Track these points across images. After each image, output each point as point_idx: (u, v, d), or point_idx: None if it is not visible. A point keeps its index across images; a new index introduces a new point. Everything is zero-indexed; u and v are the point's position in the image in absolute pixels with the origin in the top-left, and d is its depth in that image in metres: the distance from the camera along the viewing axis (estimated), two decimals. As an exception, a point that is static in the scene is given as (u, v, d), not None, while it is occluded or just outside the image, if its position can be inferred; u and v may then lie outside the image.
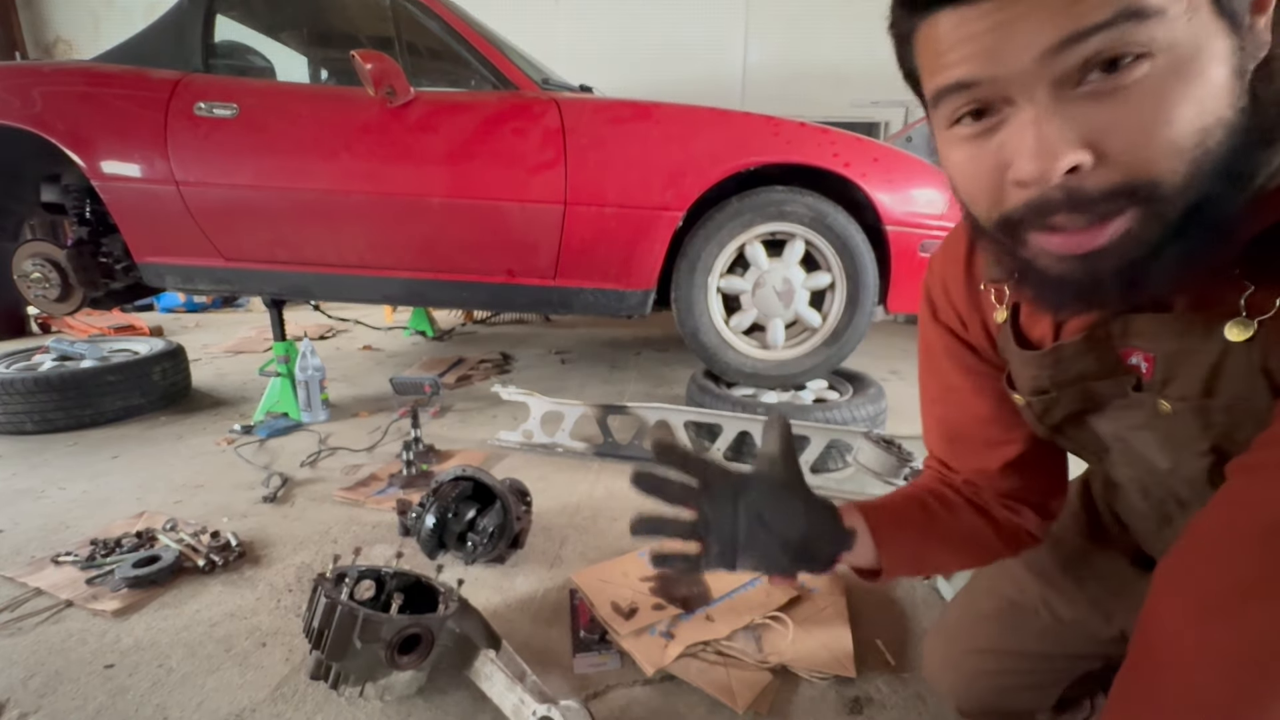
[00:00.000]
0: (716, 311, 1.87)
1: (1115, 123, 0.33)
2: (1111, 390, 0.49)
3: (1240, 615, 0.35)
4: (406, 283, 1.91)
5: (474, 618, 0.84)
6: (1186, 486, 0.49)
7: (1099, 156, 0.34)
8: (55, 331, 3.48)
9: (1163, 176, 0.34)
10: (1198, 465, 0.46)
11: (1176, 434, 0.46)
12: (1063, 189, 0.35)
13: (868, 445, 1.42)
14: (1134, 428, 0.49)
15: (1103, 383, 0.49)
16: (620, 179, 1.75)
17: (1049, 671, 0.70)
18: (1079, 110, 0.34)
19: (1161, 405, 0.45)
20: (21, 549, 1.20)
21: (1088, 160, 0.34)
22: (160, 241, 1.90)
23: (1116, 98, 0.33)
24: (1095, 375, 0.49)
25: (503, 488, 1.15)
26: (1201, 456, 0.45)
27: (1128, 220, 0.35)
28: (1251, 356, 0.39)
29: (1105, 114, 0.33)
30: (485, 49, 1.83)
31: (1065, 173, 0.34)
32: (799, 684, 0.87)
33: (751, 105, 4.07)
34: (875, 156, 1.77)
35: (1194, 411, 0.43)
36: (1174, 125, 0.33)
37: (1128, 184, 0.34)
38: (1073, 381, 0.50)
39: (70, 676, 0.87)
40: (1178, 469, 0.48)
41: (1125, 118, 0.33)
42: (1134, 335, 0.45)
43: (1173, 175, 0.34)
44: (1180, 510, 0.53)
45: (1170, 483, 0.50)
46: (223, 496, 1.45)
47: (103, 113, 1.79)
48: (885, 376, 2.62)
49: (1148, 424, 0.47)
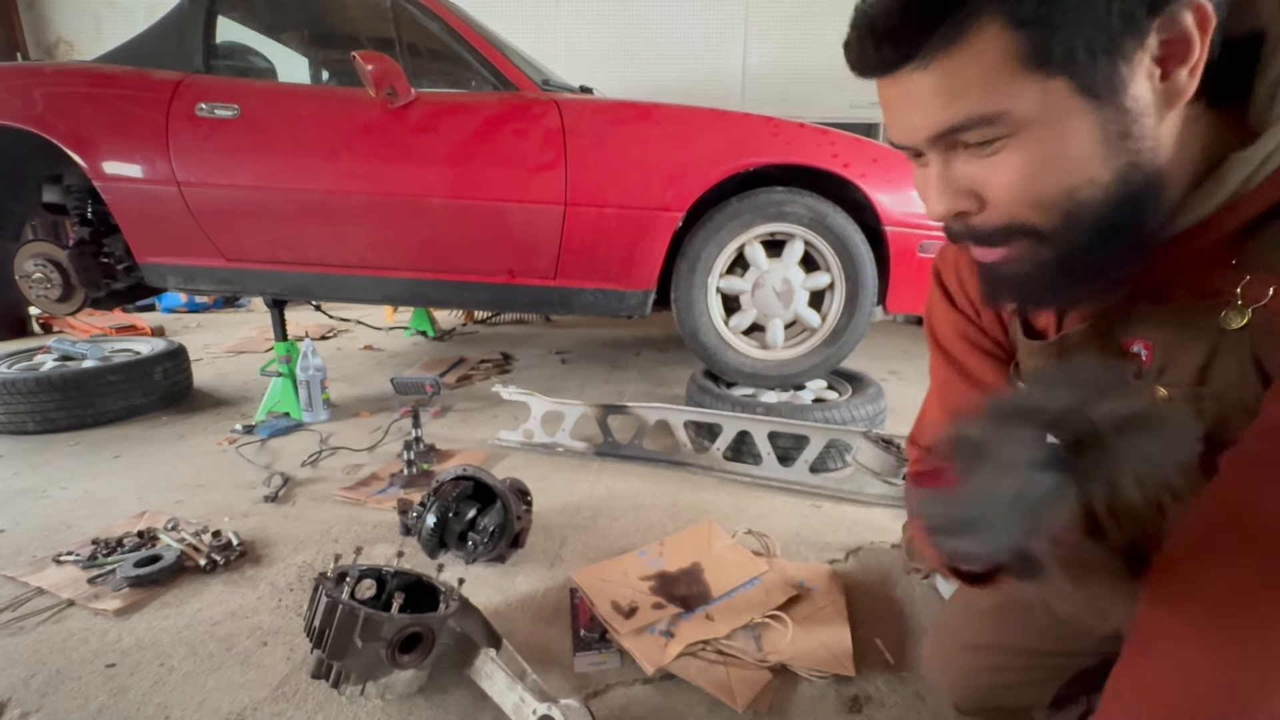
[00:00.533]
0: (716, 312, 1.87)
1: (989, 182, 0.42)
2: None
3: (1231, 612, 0.36)
4: (407, 283, 1.92)
5: (475, 617, 0.84)
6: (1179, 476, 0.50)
7: (983, 203, 0.43)
8: (57, 331, 3.49)
9: (1037, 222, 0.42)
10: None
11: None
12: (960, 222, 0.46)
13: (867, 445, 1.43)
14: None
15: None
16: (620, 180, 1.76)
17: (1045, 668, 0.70)
18: (965, 169, 0.43)
19: (1158, 393, 0.46)
20: (23, 548, 1.21)
21: (973, 206, 0.44)
22: (162, 242, 1.90)
23: (987, 163, 0.42)
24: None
25: (503, 487, 1.16)
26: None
27: (1016, 248, 0.44)
28: (1243, 343, 0.41)
29: (982, 174, 0.42)
30: (486, 50, 1.84)
31: (956, 214, 0.45)
32: (798, 683, 0.87)
33: (751, 106, 4.07)
34: (874, 157, 1.78)
35: (1188, 399, 0.45)
36: (1036, 187, 0.41)
37: (1008, 225, 0.43)
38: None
39: (72, 676, 0.88)
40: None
41: (996, 179, 0.42)
42: (1135, 324, 0.47)
43: (1046, 221, 0.42)
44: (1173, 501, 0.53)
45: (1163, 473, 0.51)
46: (224, 496, 1.45)
47: (104, 113, 1.80)
48: (884, 376, 2.62)
49: None
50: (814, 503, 1.45)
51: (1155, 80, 0.38)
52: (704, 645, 0.93)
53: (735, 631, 0.96)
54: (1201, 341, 0.43)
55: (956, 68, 0.39)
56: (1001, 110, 0.39)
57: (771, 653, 0.92)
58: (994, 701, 0.73)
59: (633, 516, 1.37)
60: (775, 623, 0.98)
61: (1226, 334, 0.41)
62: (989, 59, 0.38)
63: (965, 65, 0.39)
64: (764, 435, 1.54)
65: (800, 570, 1.14)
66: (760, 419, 1.55)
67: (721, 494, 1.49)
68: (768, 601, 1.03)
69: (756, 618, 0.99)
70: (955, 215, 0.45)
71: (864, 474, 1.44)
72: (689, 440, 1.65)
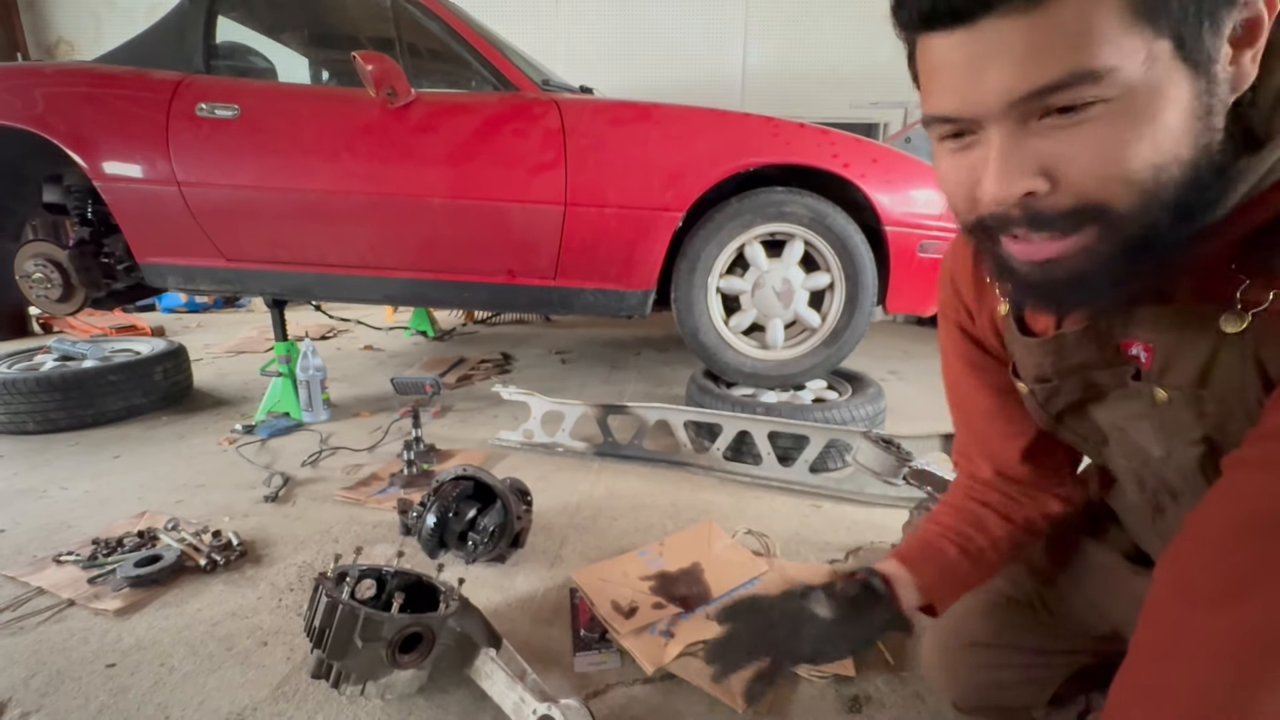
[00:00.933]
0: (716, 312, 1.87)
1: (1069, 156, 0.37)
2: (1111, 380, 0.50)
3: (1238, 607, 0.36)
4: (407, 283, 1.92)
5: (475, 617, 0.84)
6: (1179, 476, 0.50)
7: (1055, 183, 0.38)
8: (57, 332, 3.49)
9: (1113, 204, 0.38)
10: (1190, 454, 0.47)
11: (1171, 423, 0.47)
12: (1021, 208, 0.40)
13: (867, 445, 1.42)
14: (1131, 417, 0.50)
15: (1102, 372, 0.50)
16: (620, 180, 1.76)
17: (1044, 667, 0.70)
18: (1038, 142, 0.38)
19: (1158, 394, 0.46)
20: (23, 548, 1.21)
21: (1043, 187, 0.38)
22: (162, 242, 1.90)
23: (1072, 133, 0.37)
24: (1095, 364, 0.50)
25: (503, 487, 1.16)
26: (1193, 445, 0.46)
27: (1081, 238, 0.39)
28: (1244, 348, 0.40)
29: (1061, 147, 0.37)
30: (486, 50, 1.84)
31: (1023, 195, 0.39)
32: (798, 682, 0.87)
33: (751, 106, 4.07)
34: (874, 157, 1.78)
35: (1188, 400, 0.45)
36: (1124, 161, 0.36)
37: (1080, 208, 0.38)
38: (1074, 370, 0.52)
39: (72, 675, 0.88)
40: (1171, 457, 0.49)
41: (1079, 152, 0.37)
42: (1135, 326, 0.47)
43: (1123, 203, 0.37)
44: (1173, 501, 0.54)
45: (1164, 472, 0.51)
46: (224, 496, 1.45)
47: (105, 113, 1.80)
48: (884, 376, 2.62)
49: (1145, 413, 0.49)
50: (814, 503, 1.45)
51: (1226, 61, 0.36)
52: (704, 645, 0.93)
53: (735, 631, 0.96)
54: (1202, 343, 0.42)
55: (1060, 17, 0.34)
56: (1110, 66, 0.34)
57: (771, 652, 0.92)
58: (993, 700, 0.73)
59: (633, 516, 1.37)
60: (775, 623, 0.98)
61: (1227, 337, 0.41)
62: (1102, 7, 0.34)
63: (1073, 13, 0.34)
64: (764, 435, 1.54)
65: (800, 570, 1.14)
66: (760, 419, 1.56)
67: (721, 494, 1.49)
68: (768, 601, 1.03)
69: (756, 618, 0.99)
70: (1023, 197, 0.39)
71: (864, 474, 1.44)
72: (689, 440, 1.65)
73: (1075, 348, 0.51)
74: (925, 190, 1.80)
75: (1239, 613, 0.36)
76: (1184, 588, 0.40)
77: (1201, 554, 0.40)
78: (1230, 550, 0.38)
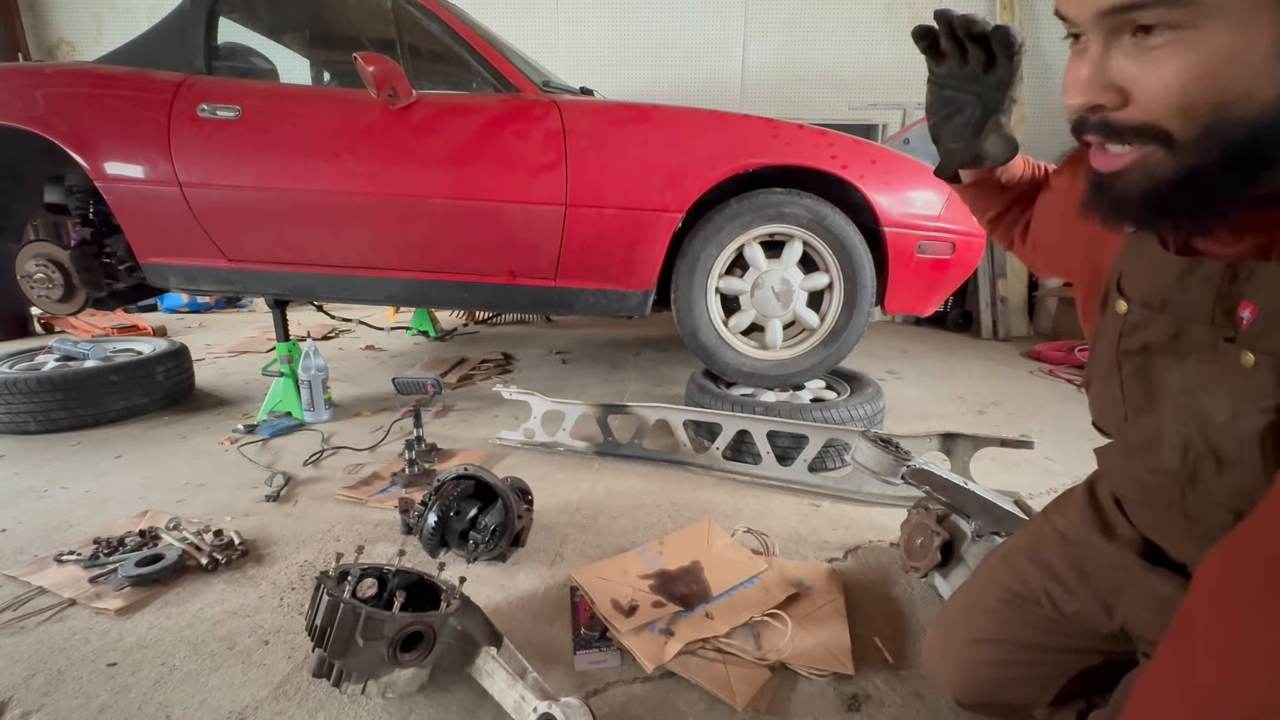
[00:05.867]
0: (715, 312, 1.88)
1: (1139, 78, 0.41)
2: (1204, 338, 0.50)
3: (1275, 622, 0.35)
4: (409, 283, 1.92)
5: (475, 615, 0.84)
6: (1235, 444, 0.49)
7: (1127, 99, 0.42)
8: (58, 332, 3.49)
9: (1175, 129, 0.40)
10: (1258, 422, 0.46)
11: (1250, 388, 0.46)
12: (1096, 115, 0.44)
13: (865, 444, 1.42)
14: (1208, 380, 0.49)
15: (1202, 327, 0.50)
16: (620, 181, 1.76)
17: (1048, 664, 0.70)
18: (1119, 60, 0.42)
19: (1245, 358, 0.46)
20: (24, 548, 1.21)
21: (1112, 101, 0.43)
22: (164, 242, 1.90)
23: (1145, 58, 0.40)
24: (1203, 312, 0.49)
25: (504, 486, 1.16)
26: (1265, 413, 0.45)
27: (1144, 155, 0.43)
28: None
29: (1135, 68, 0.41)
30: (487, 52, 1.84)
31: (1094, 106, 0.44)
32: (798, 681, 0.88)
33: (750, 108, 4.08)
34: (873, 158, 1.78)
35: (1274, 366, 0.44)
36: (1192, 90, 0.39)
37: (1144, 125, 0.42)
38: (1185, 305, 0.51)
39: (73, 675, 0.88)
40: (1235, 424, 0.48)
41: (1146, 76, 0.40)
42: (1254, 283, 0.46)
43: (1184, 130, 0.40)
44: (1215, 471, 0.51)
45: (1220, 439, 0.50)
46: (226, 495, 1.46)
47: (106, 114, 1.80)
48: (883, 376, 2.63)
49: (1225, 377, 0.48)
50: (813, 502, 1.46)
51: None
52: (704, 643, 0.93)
53: (735, 630, 0.96)
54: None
55: None
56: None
57: (771, 651, 0.92)
58: (995, 697, 0.73)
59: (633, 515, 1.37)
60: (774, 621, 0.98)
61: None
62: None
63: None
64: (763, 435, 1.55)
65: (799, 569, 1.15)
66: (759, 418, 1.56)
67: (721, 493, 1.50)
68: (767, 600, 1.03)
69: (756, 616, 0.99)
70: (1094, 107, 0.43)
71: (862, 473, 1.44)
72: (689, 440, 1.65)
73: (1202, 283, 0.49)
74: (923, 191, 1.80)
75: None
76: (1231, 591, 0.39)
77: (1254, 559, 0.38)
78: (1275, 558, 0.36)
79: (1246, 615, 0.37)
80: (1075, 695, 0.72)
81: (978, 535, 1.00)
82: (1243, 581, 0.38)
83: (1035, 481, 1.59)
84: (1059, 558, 0.70)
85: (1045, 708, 0.72)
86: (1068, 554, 0.70)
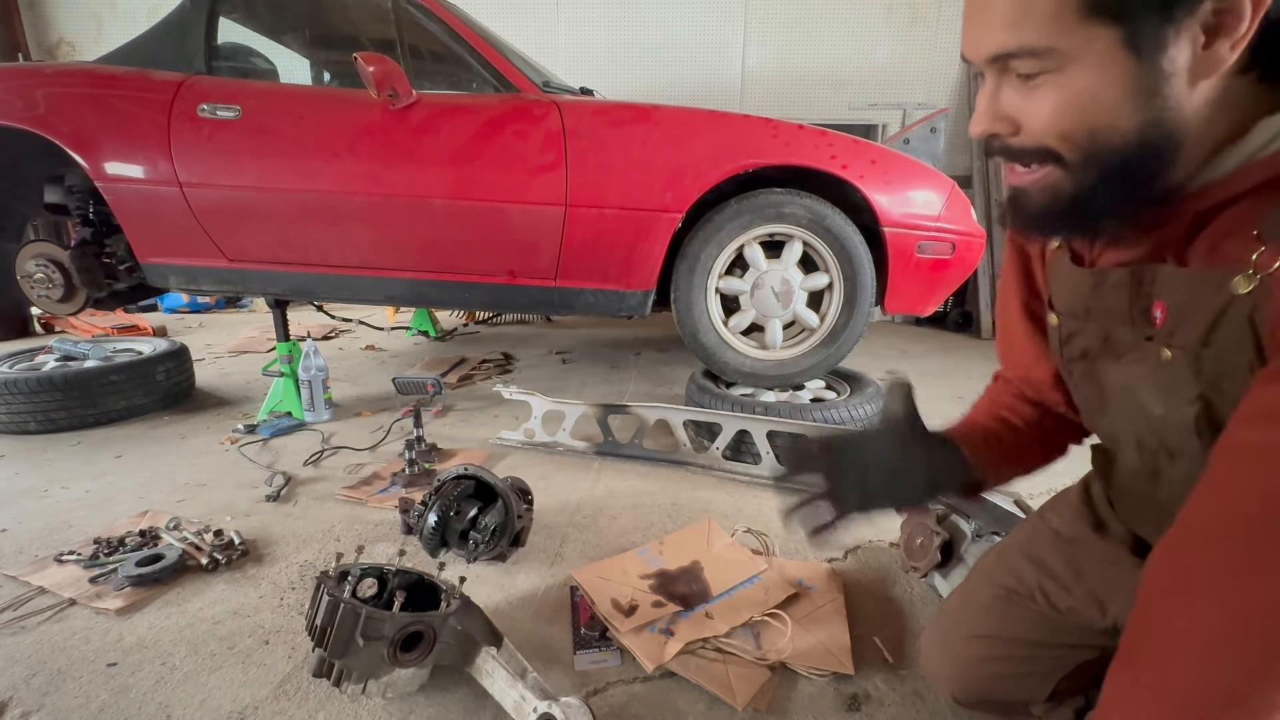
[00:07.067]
0: (715, 312, 1.88)
1: (1024, 111, 0.47)
2: (1129, 338, 0.53)
3: (1227, 598, 0.37)
4: (409, 283, 1.92)
5: (475, 615, 0.85)
6: (1176, 435, 0.51)
7: (1019, 128, 0.48)
8: (59, 332, 3.49)
9: (1062, 152, 0.46)
10: (1187, 413, 0.49)
11: (1171, 381, 0.49)
12: (997, 141, 0.50)
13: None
14: (1140, 378, 0.53)
15: (1124, 328, 0.53)
16: (620, 181, 1.76)
17: (1044, 660, 0.71)
18: (1009, 95, 0.47)
19: (1164, 353, 0.49)
20: (25, 548, 1.21)
21: (1006, 130, 0.49)
22: (164, 242, 1.91)
23: (1028, 94, 0.46)
24: (1122, 316, 0.53)
25: (504, 486, 1.16)
26: (1190, 404, 0.48)
27: (1045, 175, 0.49)
28: (1245, 307, 0.42)
29: (1021, 102, 0.47)
30: (487, 52, 1.85)
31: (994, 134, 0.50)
32: (797, 681, 0.88)
33: (750, 108, 4.08)
34: (872, 159, 1.78)
35: (1189, 359, 0.47)
36: (1065, 122, 0.45)
37: (1037, 150, 0.48)
38: (1105, 312, 0.55)
39: (73, 675, 0.88)
40: (1169, 416, 0.51)
41: (1030, 109, 0.46)
42: (1159, 284, 0.49)
43: (1070, 153, 0.46)
44: (1170, 463, 0.54)
45: (1162, 432, 0.53)
46: (226, 495, 1.46)
47: (106, 114, 1.80)
48: (882, 376, 2.62)
49: (1149, 374, 0.51)
50: (813, 502, 1.46)
51: (1197, 47, 0.40)
52: (704, 643, 0.93)
53: (735, 629, 0.96)
54: (1212, 305, 0.44)
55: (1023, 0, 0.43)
56: (1051, 47, 0.43)
57: (771, 651, 0.92)
58: (992, 694, 0.73)
59: (633, 515, 1.37)
60: (774, 621, 0.98)
61: (1235, 299, 0.43)
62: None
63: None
64: (763, 434, 1.55)
65: (799, 569, 1.15)
66: (759, 418, 1.56)
67: (721, 493, 1.50)
68: (767, 600, 1.03)
69: (756, 616, 0.99)
70: (991, 136, 0.50)
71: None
72: (689, 440, 1.66)
73: (1113, 290, 0.53)
74: (923, 191, 1.80)
75: (1229, 603, 0.36)
76: (1175, 580, 0.41)
77: (1191, 547, 0.41)
78: (1219, 543, 0.38)
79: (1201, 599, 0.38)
80: (1073, 691, 0.72)
81: (977, 535, 1.01)
82: (1189, 569, 0.40)
83: (1035, 481, 1.58)
84: (1054, 555, 0.71)
85: (1043, 704, 0.72)
86: (1062, 551, 0.71)
